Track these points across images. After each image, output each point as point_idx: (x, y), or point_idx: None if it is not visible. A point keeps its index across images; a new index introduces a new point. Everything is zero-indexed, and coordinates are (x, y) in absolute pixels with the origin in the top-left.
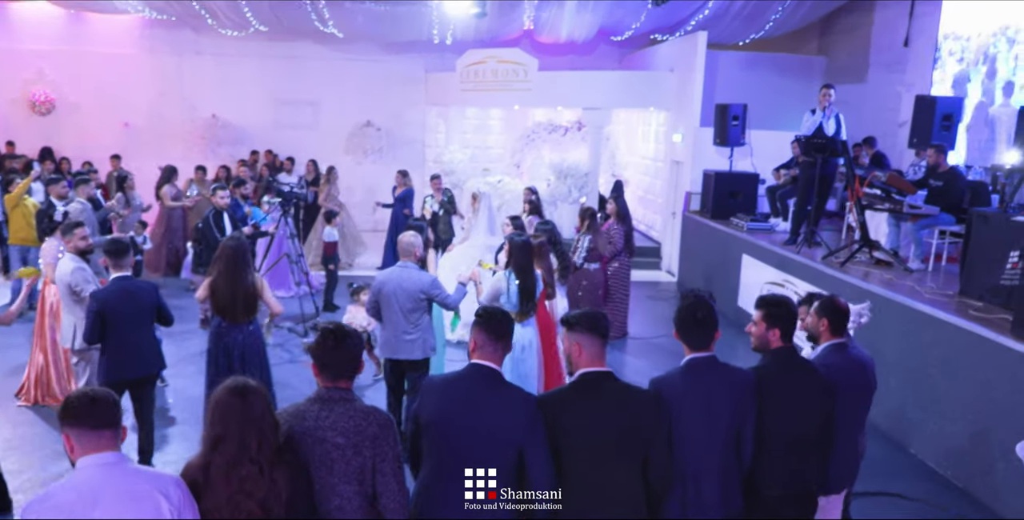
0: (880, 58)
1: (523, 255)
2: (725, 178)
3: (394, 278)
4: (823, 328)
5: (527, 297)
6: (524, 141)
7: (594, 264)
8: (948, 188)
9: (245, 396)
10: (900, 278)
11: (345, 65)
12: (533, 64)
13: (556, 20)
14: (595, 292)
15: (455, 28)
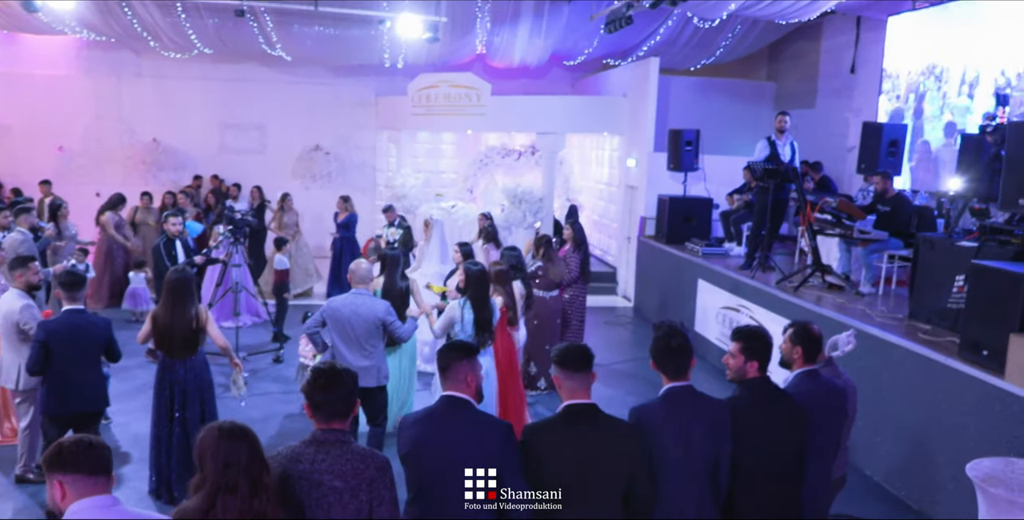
0: (828, 84)
1: (479, 285)
2: (679, 203)
3: (348, 305)
4: (797, 356)
5: (482, 328)
6: (477, 166)
7: (551, 292)
8: (896, 213)
9: (230, 439)
10: (852, 302)
11: (293, 88)
12: (486, 88)
13: (509, 45)
14: (552, 321)
15: (407, 52)
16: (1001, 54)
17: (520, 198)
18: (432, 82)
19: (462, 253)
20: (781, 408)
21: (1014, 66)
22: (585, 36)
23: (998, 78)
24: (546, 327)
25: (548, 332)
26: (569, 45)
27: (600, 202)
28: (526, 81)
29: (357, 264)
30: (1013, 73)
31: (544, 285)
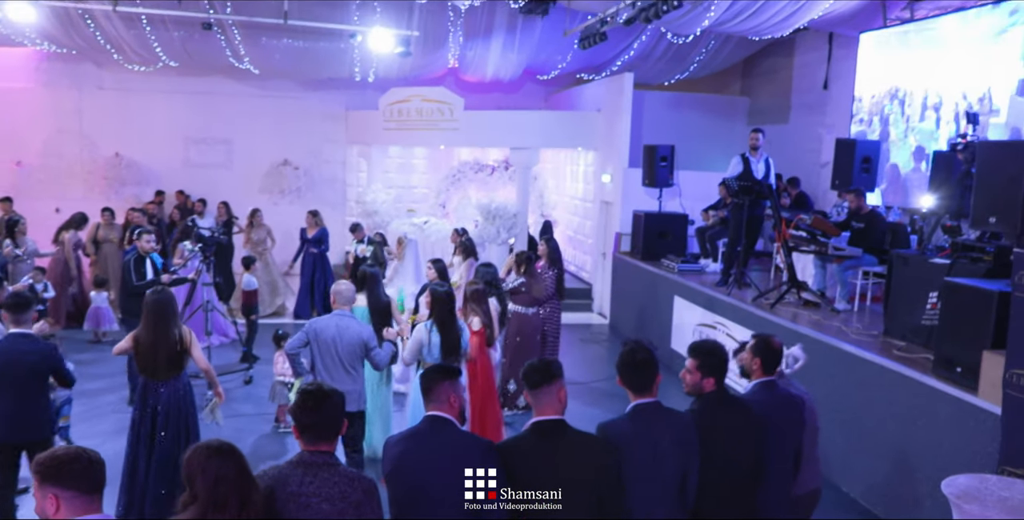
0: (801, 100)
1: (444, 307)
2: (655, 219)
3: (332, 326)
4: (756, 366)
5: (449, 351)
6: (450, 181)
7: (532, 309)
8: (870, 230)
9: (219, 456)
10: (827, 319)
11: (260, 102)
12: (459, 103)
13: (481, 59)
14: (533, 338)
15: (378, 65)
16: (962, 77)
17: (494, 214)
18: (404, 96)
19: (436, 270)
20: (739, 417)
21: (975, 90)
22: (559, 50)
23: (959, 102)
24: (528, 344)
25: (530, 349)
26: (542, 59)
27: (575, 218)
28: (499, 95)
29: (341, 285)
30: (975, 97)
31: (526, 301)
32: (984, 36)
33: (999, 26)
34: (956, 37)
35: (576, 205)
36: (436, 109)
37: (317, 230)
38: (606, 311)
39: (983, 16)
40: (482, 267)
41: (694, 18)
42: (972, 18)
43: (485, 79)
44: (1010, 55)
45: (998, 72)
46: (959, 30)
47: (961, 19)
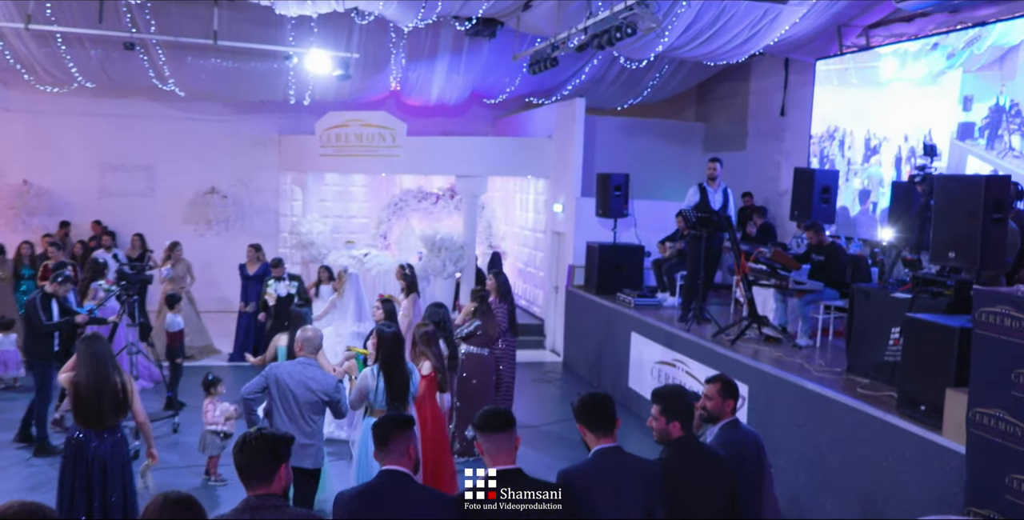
0: (758, 126)
1: (391, 350)
2: (609, 251)
3: (296, 375)
4: (728, 408)
5: (396, 396)
6: (391, 210)
7: (486, 349)
8: (830, 263)
9: (177, 507)
10: (789, 355)
11: (186, 125)
12: (401, 128)
13: (425, 81)
14: (488, 379)
15: (314, 88)
16: (902, 119)
17: (439, 245)
18: (342, 120)
19: (384, 310)
20: (710, 465)
21: (916, 132)
22: (507, 73)
23: (901, 145)
24: (483, 386)
25: (485, 391)
26: (490, 83)
27: (525, 249)
28: (444, 120)
29: (308, 331)
30: (916, 139)
31: (481, 342)
32: (923, 78)
33: (937, 68)
34: (895, 79)
35: (526, 236)
36: (377, 134)
37: (259, 265)
38: (559, 348)
39: (921, 58)
40: (432, 307)
41: (648, 43)
42: (910, 61)
43: (429, 103)
44: (948, 98)
45: (938, 115)
46: (897, 71)
47: (899, 60)
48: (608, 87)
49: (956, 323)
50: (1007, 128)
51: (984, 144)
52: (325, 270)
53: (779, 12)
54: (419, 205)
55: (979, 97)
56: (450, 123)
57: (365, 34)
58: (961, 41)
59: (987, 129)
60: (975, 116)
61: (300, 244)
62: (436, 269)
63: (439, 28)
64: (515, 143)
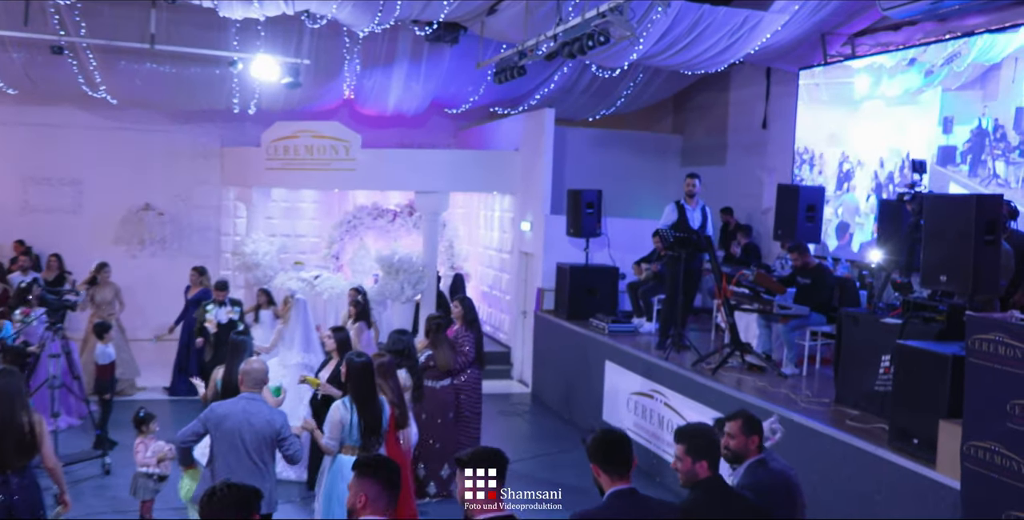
0: (738, 139)
1: (362, 381)
2: (581, 273)
3: (239, 412)
4: (753, 446)
5: (371, 430)
6: (344, 228)
7: (442, 382)
8: (816, 286)
9: None
10: (775, 385)
11: (118, 136)
12: (356, 139)
13: (382, 89)
14: (443, 414)
15: (261, 96)
16: (877, 142)
17: (396, 267)
18: (291, 131)
19: (336, 340)
20: (739, 509)
21: (892, 156)
22: (470, 82)
23: (878, 170)
24: (435, 422)
25: (439, 427)
26: (452, 91)
27: (490, 271)
28: (401, 131)
29: (253, 363)
30: (893, 165)
31: (434, 374)
32: (899, 97)
33: (914, 86)
34: (869, 96)
35: (491, 256)
36: (329, 146)
37: (199, 290)
38: (527, 378)
39: (897, 75)
40: (396, 335)
41: (621, 51)
42: (885, 78)
43: (386, 112)
44: (927, 119)
45: (916, 137)
46: (871, 89)
47: (874, 77)
48: (579, 97)
49: (949, 351)
50: (991, 153)
51: (967, 170)
52: (264, 294)
53: (760, 20)
54: (374, 223)
55: (960, 118)
56: (408, 135)
57: (316, 39)
58: (940, 57)
59: (969, 154)
60: (956, 139)
61: (244, 266)
62: (393, 293)
63: (397, 33)
64: (479, 156)
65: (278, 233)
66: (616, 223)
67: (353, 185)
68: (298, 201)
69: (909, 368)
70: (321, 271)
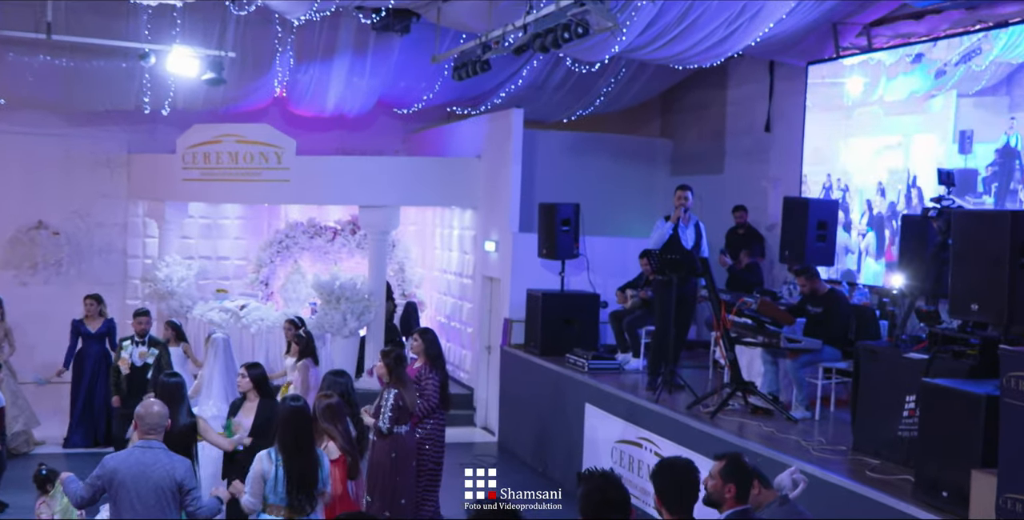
0: (738, 145)
1: (293, 428)
2: (556, 301)
3: (134, 465)
4: (729, 494)
5: (302, 487)
6: (274, 249)
7: (403, 427)
8: (830, 316)
9: None
10: (783, 430)
11: (6, 141)
12: (289, 145)
13: (320, 86)
14: (407, 464)
15: (176, 95)
16: (875, 160)
17: (338, 295)
18: (212, 136)
19: (252, 378)
20: None
21: (895, 178)
22: (423, 77)
23: (873, 199)
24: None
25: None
26: (401, 89)
27: (448, 299)
28: (343, 134)
29: (151, 406)
30: (894, 189)
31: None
32: (901, 103)
33: (921, 90)
34: (863, 102)
35: (449, 282)
36: (257, 153)
37: (102, 322)
38: (493, 424)
39: (899, 76)
40: (331, 376)
41: (601, 44)
42: (884, 78)
43: (324, 113)
44: (938, 133)
45: (924, 157)
46: (866, 93)
47: (869, 77)
48: (552, 94)
49: (982, 390)
50: (1022, 180)
51: (991, 202)
52: (171, 328)
53: (761, 7)
54: (311, 243)
55: (981, 134)
56: (351, 139)
57: (243, 28)
58: (954, 54)
59: (994, 181)
60: (977, 161)
61: (156, 294)
62: (334, 325)
63: (338, 21)
64: (434, 165)
65: (196, 255)
66: (597, 242)
67: (286, 198)
68: (220, 217)
69: (937, 410)
70: (248, 300)
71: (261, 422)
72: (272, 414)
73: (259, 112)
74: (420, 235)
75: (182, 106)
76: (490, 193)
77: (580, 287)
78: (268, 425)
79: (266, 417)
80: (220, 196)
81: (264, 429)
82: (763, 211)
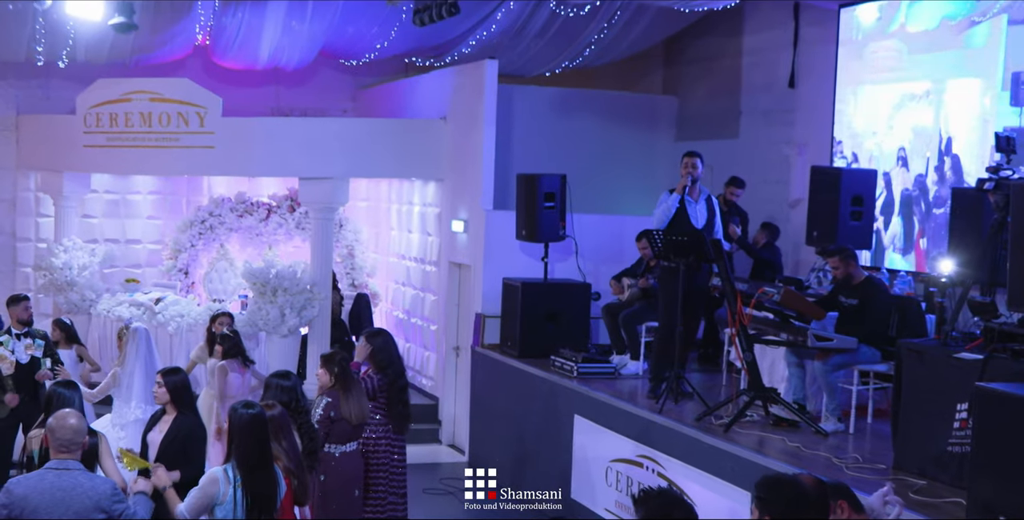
0: (755, 103)
1: (252, 439)
2: (538, 292)
3: (47, 490)
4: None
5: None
6: (196, 230)
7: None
8: (867, 309)
9: None
10: (811, 445)
11: None
12: (214, 104)
13: (251, 32)
14: (348, 488)
15: (76, 44)
16: (899, 119)
17: (274, 286)
18: (120, 93)
19: (169, 386)
20: None
21: (922, 144)
22: (376, 21)
23: (893, 171)
24: (337, 498)
25: (341, 509)
26: (350, 35)
27: (407, 290)
28: (279, 91)
29: (67, 418)
30: (919, 158)
31: (339, 435)
32: (927, 39)
33: (957, 15)
34: (878, 35)
35: (408, 269)
36: (175, 113)
37: None
38: (462, 441)
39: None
40: (276, 379)
41: None
42: (905, 5)
43: (256, 66)
44: (980, 77)
45: (961, 111)
46: (878, 22)
47: (878, 21)
48: (532, 43)
49: None
50: None
51: None
52: (59, 327)
53: None
54: (240, 222)
55: None
56: (289, 96)
57: None
58: None
59: None
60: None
61: (52, 285)
62: (270, 322)
63: None
64: (390, 128)
65: (101, 238)
66: (587, 221)
67: (210, 169)
68: (130, 192)
69: (993, 420)
70: (165, 292)
71: (167, 445)
72: (188, 434)
73: (177, 64)
74: (373, 213)
75: (83, 57)
76: (458, 162)
77: (567, 275)
78: (179, 448)
79: (175, 438)
80: (129, 166)
81: (171, 453)
82: (784, 184)
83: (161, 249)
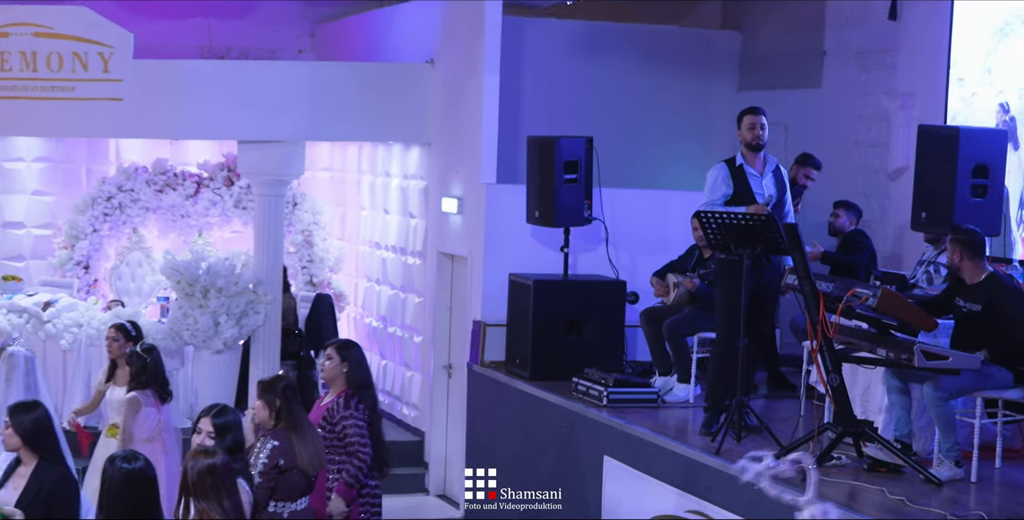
0: (843, 41)
1: (134, 505)
2: (556, 293)
3: None
4: None
5: None
6: (99, 211)
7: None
8: (994, 315)
9: None
10: (919, 498)
11: None
12: (124, 42)
13: None
14: None
15: None
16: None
17: (204, 284)
18: None
19: (18, 429)
20: None
21: None
22: None
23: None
24: None
25: None
26: None
27: (383, 289)
28: (211, 24)
29: None
30: None
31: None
32: None
33: None
34: None
35: (385, 262)
36: (70, 54)
37: None
38: (455, 489)
39: None
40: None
41: None
42: None
43: None
44: None
45: None
46: None
47: None
48: None
49: None
50: None
51: None
52: None
53: None
54: (159, 200)
55: None
56: (226, 32)
57: None
58: None
59: None
60: None
61: None
62: (199, 333)
63: None
64: (359, 74)
65: None
66: (620, 199)
67: (118, 129)
68: (9, 159)
69: None
70: (57, 294)
71: (26, 506)
72: (52, 491)
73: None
74: (338, 188)
75: None
76: (450, 120)
77: (595, 270)
78: (40, 509)
79: (36, 496)
80: (8, 125)
81: (36, 512)
82: (883, 148)
83: (52, 235)
